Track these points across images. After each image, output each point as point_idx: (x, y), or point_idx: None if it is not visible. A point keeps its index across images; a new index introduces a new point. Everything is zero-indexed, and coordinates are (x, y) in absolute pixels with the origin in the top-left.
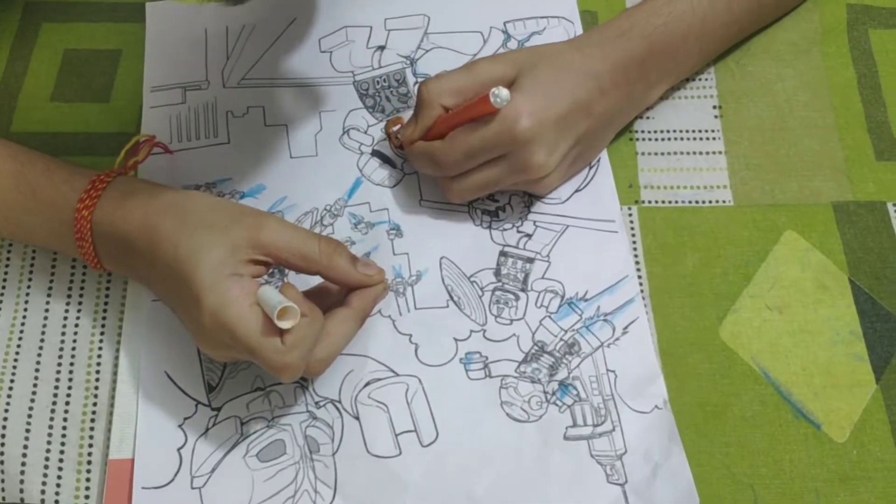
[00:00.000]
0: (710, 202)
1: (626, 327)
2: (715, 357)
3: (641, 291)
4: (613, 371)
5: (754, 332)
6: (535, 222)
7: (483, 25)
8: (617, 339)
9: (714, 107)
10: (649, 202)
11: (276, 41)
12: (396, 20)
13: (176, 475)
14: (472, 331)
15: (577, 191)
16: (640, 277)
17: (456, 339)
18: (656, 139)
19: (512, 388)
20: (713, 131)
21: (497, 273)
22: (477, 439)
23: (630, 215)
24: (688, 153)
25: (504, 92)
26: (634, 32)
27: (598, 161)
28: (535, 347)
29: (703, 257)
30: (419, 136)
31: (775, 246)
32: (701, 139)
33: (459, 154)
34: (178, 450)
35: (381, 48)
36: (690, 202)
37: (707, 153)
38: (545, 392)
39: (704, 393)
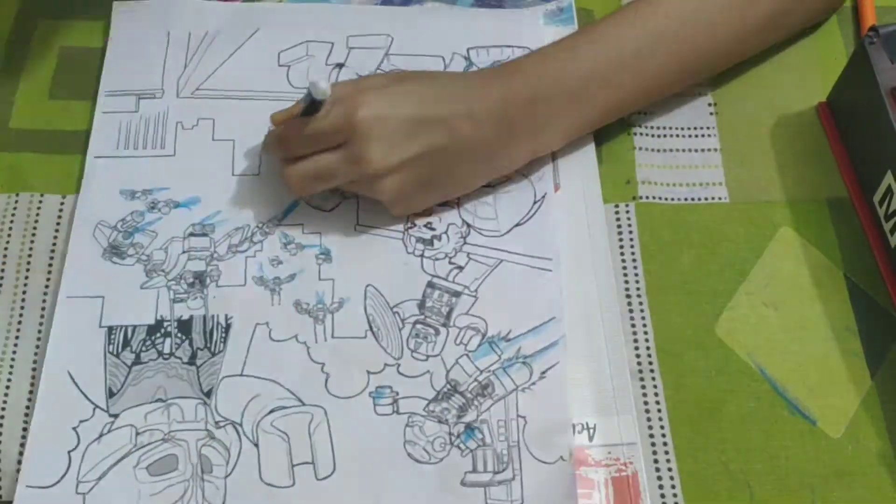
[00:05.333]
0: (706, 199)
1: (544, 372)
2: (711, 354)
3: (629, 296)
4: (524, 417)
5: (750, 328)
6: (468, 254)
7: (446, 50)
8: (533, 383)
9: (709, 104)
10: (646, 198)
11: (236, 51)
12: (359, 38)
13: (63, 477)
14: (386, 364)
15: (517, 224)
16: (636, 275)
17: (369, 372)
18: (653, 136)
19: (418, 426)
20: (708, 128)
21: (421, 305)
22: (373, 477)
23: (627, 212)
24: (683, 150)
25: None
26: (522, 72)
27: (544, 196)
28: (448, 386)
29: (699, 254)
30: (283, 118)
31: (771, 242)
32: (696, 136)
33: (302, 132)
34: (70, 452)
35: (340, 66)
36: (687, 199)
37: (702, 150)
38: (450, 433)
39: (700, 390)
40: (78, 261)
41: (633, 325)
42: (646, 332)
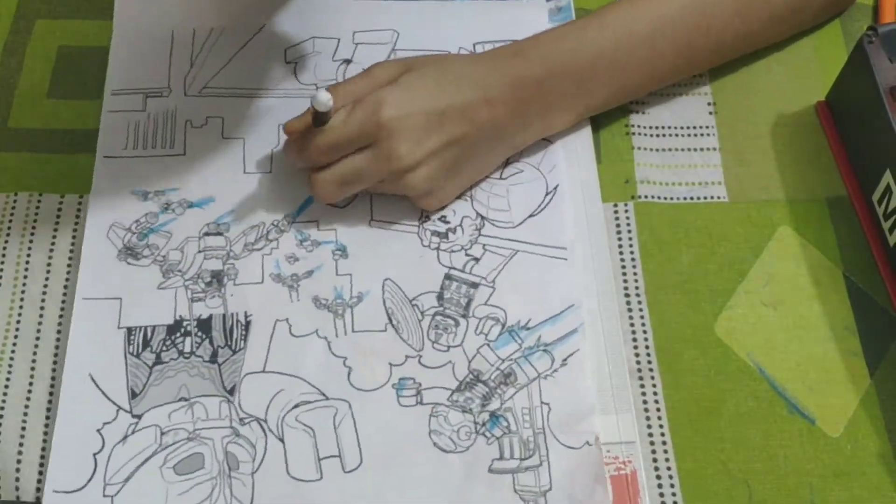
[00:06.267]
0: (706, 198)
1: (565, 359)
2: (710, 353)
3: (628, 295)
4: (547, 404)
5: (749, 328)
6: (484, 246)
7: (452, 45)
8: (555, 370)
9: (708, 103)
10: (645, 197)
11: (241, 48)
12: (365, 34)
13: (89, 481)
14: (407, 356)
15: (531, 216)
16: (635, 274)
17: (391, 364)
18: (651, 135)
19: (442, 416)
20: (707, 127)
21: (440, 297)
22: (400, 468)
23: (626, 211)
24: (682, 149)
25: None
26: (533, 53)
27: (556, 188)
28: (471, 376)
29: (698, 253)
30: (297, 127)
31: (770, 242)
32: (695, 135)
33: (323, 142)
34: (95, 455)
35: (348, 62)
36: (686, 199)
37: (701, 149)
38: (475, 422)
39: (699, 389)
40: (93, 262)
41: (633, 325)
42: (645, 332)
